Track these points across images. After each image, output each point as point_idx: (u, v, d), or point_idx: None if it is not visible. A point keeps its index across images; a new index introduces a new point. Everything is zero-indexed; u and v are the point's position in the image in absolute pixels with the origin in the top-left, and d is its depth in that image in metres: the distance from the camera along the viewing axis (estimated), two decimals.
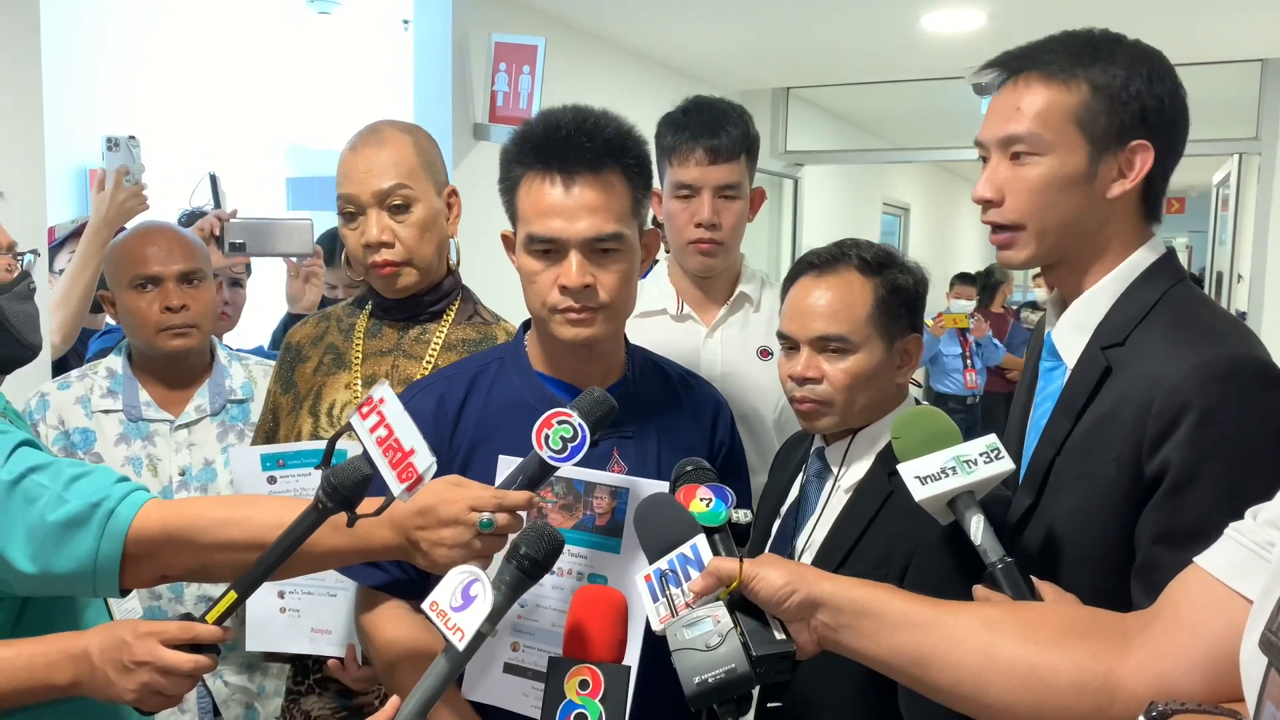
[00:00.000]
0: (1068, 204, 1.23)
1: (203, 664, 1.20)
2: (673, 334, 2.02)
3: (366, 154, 1.69)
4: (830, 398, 1.47)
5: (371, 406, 1.17)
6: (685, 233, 1.95)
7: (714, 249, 1.95)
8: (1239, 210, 6.28)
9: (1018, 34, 1.42)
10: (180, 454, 2.01)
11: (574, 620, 1.10)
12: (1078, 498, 1.21)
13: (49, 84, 2.57)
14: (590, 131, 1.35)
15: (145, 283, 1.97)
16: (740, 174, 1.94)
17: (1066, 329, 1.29)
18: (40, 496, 1.23)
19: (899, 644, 1.02)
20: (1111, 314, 1.25)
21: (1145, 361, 1.18)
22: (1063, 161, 1.23)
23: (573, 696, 1.05)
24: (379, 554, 1.28)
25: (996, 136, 1.26)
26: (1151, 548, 1.14)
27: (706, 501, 1.16)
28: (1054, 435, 1.26)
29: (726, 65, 5.90)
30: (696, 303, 2.06)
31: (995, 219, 1.27)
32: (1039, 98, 1.23)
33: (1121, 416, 1.17)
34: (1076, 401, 1.24)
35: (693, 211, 1.93)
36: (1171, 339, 1.18)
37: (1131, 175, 1.23)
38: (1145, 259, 1.26)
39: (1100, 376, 1.22)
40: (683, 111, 1.98)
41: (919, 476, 1.20)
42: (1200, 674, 0.89)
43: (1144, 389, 1.16)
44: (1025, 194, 1.24)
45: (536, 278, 1.37)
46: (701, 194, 1.92)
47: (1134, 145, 1.22)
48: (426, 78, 4.27)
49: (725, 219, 1.94)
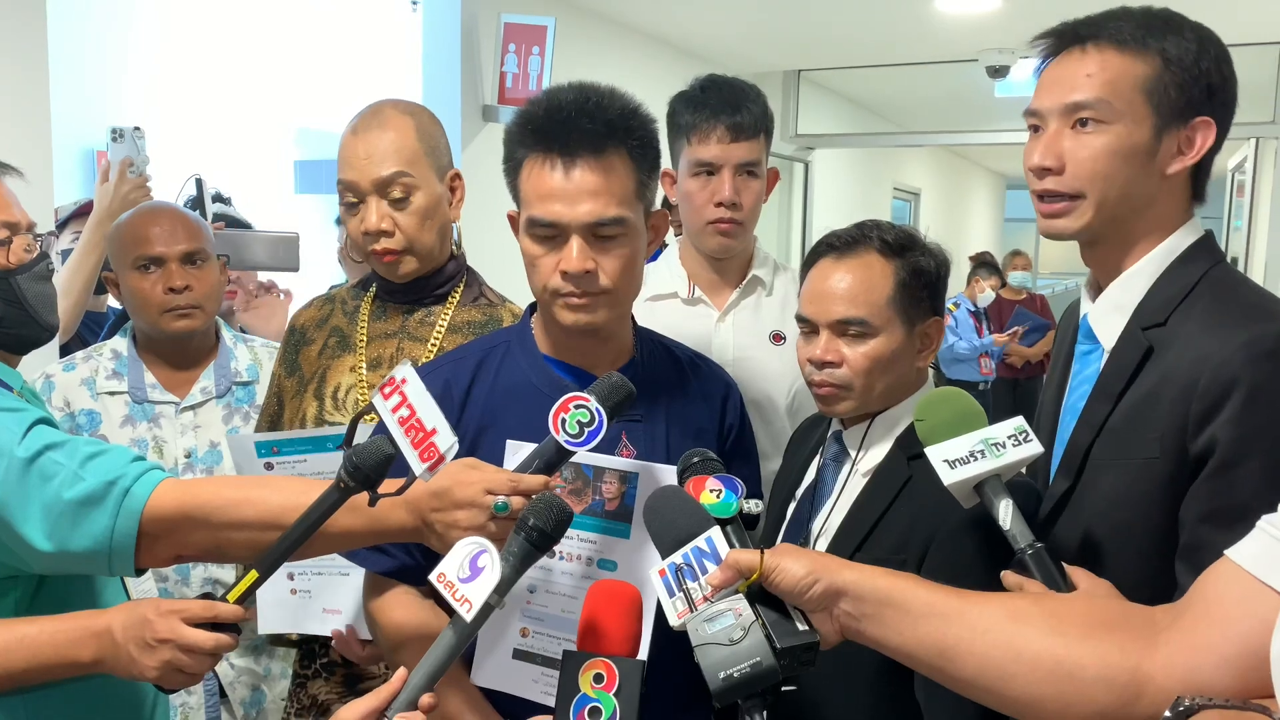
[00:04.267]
0: (1128, 176, 1.22)
1: (224, 643, 1.21)
2: (684, 318, 1.99)
3: (367, 138, 1.66)
4: (849, 382, 1.45)
5: (394, 386, 1.18)
6: (704, 212, 1.91)
7: (734, 229, 1.92)
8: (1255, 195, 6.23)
9: (1033, 16, 1.40)
10: (185, 436, 2.00)
11: (589, 614, 1.09)
12: (1118, 480, 1.20)
13: (55, 66, 2.55)
14: (592, 112, 1.32)
15: (148, 263, 1.96)
16: (760, 152, 1.91)
17: (1104, 311, 1.28)
18: (56, 474, 1.23)
19: (922, 634, 1.01)
20: (1151, 295, 1.23)
21: (1188, 340, 1.17)
22: (1130, 131, 1.21)
23: (587, 690, 1.05)
24: (394, 536, 1.28)
25: (1061, 103, 1.24)
26: (1198, 527, 1.12)
27: (717, 493, 1.14)
28: (1092, 418, 1.24)
29: (737, 47, 5.87)
30: (708, 286, 2.03)
31: (1053, 187, 1.25)
32: (1111, 65, 1.21)
33: (1164, 396, 1.16)
34: (1116, 383, 1.22)
35: (712, 190, 1.89)
36: (1215, 317, 1.17)
37: (1192, 152, 1.22)
38: (1185, 240, 1.25)
39: (1142, 357, 1.20)
40: (700, 89, 1.94)
41: (948, 460, 1.18)
42: (1230, 669, 0.88)
43: (1188, 368, 1.14)
44: (1090, 162, 1.22)
45: (538, 262, 1.36)
46: (722, 172, 1.88)
47: (1197, 122, 1.22)
48: (435, 59, 4.25)
49: (745, 198, 1.90)
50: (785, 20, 5.41)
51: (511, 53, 4.10)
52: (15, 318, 1.41)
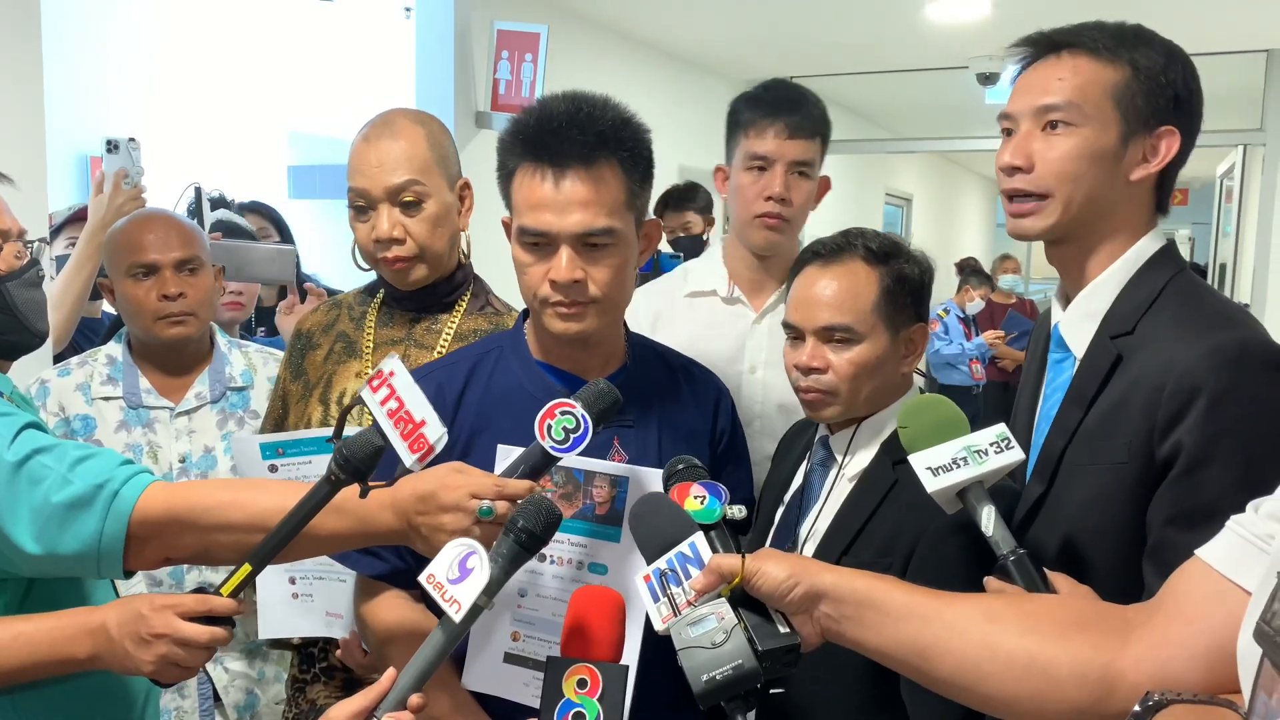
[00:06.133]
0: (1094, 178, 1.25)
1: (219, 636, 1.22)
2: (721, 316, 2.01)
3: (379, 147, 1.67)
4: (835, 388, 1.47)
5: (382, 380, 1.19)
6: (754, 206, 1.93)
7: (780, 225, 1.93)
8: (1243, 202, 6.26)
9: (1022, 24, 1.43)
10: (180, 441, 2.01)
11: (572, 619, 1.10)
12: (1090, 484, 1.22)
13: (50, 71, 2.56)
14: (583, 123, 1.34)
15: (142, 270, 1.97)
16: (815, 153, 1.94)
17: (1074, 319, 1.30)
18: (45, 478, 1.24)
19: (901, 635, 1.02)
20: (1118, 303, 1.26)
21: (1155, 348, 1.19)
22: (1098, 135, 1.25)
23: (571, 695, 1.05)
24: (381, 538, 1.29)
25: (1032, 106, 1.28)
26: (1164, 529, 1.15)
27: (701, 499, 1.15)
28: (1065, 424, 1.26)
29: (729, 53, 5.89)
30: (749, 287, 2.03)
31: (1022, 185, 1.28)
32: (1083, 71, 1.25)
33: (1133, 402, 1.18)
34: (1087, 391, 1.24)
35: (764, 185, 1.92)
36: (1181, 325, 1.20)
37: (1156, 160, 1.26)
38: (1149, 248, 1.28)
39: (1111, 365, 1.23)
40: (764, 88, 1.99)
41: (930, 468, 1.20)
42: (1200, 665, 0.89)
43: (1155, 375, 1.17)
44: (1057, 162, 1.25)
45: (528, 270, 1.37)
46: (775, 167, 1.91)
47: (1162, 131, 1.25)
48: (428, 65, 4.26)
49: (796, 195, 1.92)
50: (777, 26, 5.43)
51: (504, 60, 4.11)
52: (4, 324, 1.42)
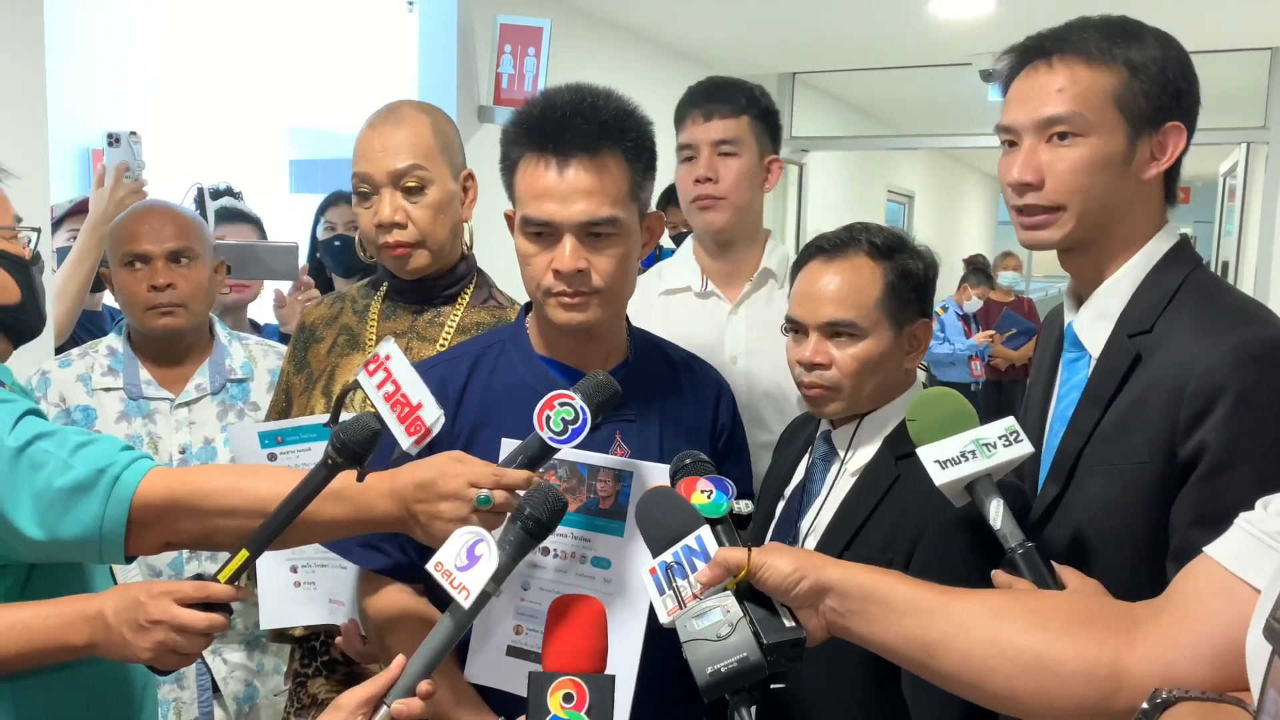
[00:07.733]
0: (1106, 185, 1.23)
1: (217, 622, 1.22)
2: (697, 311, 2.03)
3: (384, 133, 1.68)
4: (838, 383, 1.46)
5: (378, 364, 1.19)
6: (688, 193, 1.99)
7: (713, 203, 1.97)
8: (1246, 200, 6.26)
9: (1027, 20, 1.42)
10: (180, 432, 2.01)
11: (551, 632, 1.07)
12: (1108, 484, 1.21)
13: (52, 65, 2.55)
14: (587, 113, 1.34)
15: (135, 260, 1.97)
16: (738, 131, 1.96)
17: (1089, 319, 1.29)
18: (46, 463, 1.24)
19: (906, 630, 1.02)
20: (1134, 301, 1.25)
21: (1176, 346, 1.18)
22: (1105, 142, 1.23)
23: (557, 711, 1.01)
24: (380, 525, 1.29)
25: (1035, 118, 1.25)
26: (1189, 531, 1.13)
27: (708, 493, 1.15)
28: (1082, 424, 1.25)
29: (732, 49, 5.88)
30: (721, 279, 2.06)
31: (1035, 201, 1.26)
32: (1080, 79, 1.23)
33: (1153, 402, 1.17)
34: (1105, 390, 1.23)
35: (691, 170, 1.97)
36: (1201, 323, 1.18)
37: (1165, 157, 1.24)
38: (1163, 245, 1.27)
39: (1130, 364, 1.21)
40: (696, 85, 2.04)
41: (939, 460, 1.20)
42: (1207, 663, 0.89)
43: (1176, 373, 1.15)
44: (1067, 175, 1.23)
45: (531, 260, 1.37)
46: (700, 151, 1.96)
47: (1168, 127, 1.24)
48: (431, 59, 4.25)
49: (724, 173, 1.95)
50: (781, 23, 5.42)
51: (507, 54, 4.10)
52: (28, 307, 1.43)
